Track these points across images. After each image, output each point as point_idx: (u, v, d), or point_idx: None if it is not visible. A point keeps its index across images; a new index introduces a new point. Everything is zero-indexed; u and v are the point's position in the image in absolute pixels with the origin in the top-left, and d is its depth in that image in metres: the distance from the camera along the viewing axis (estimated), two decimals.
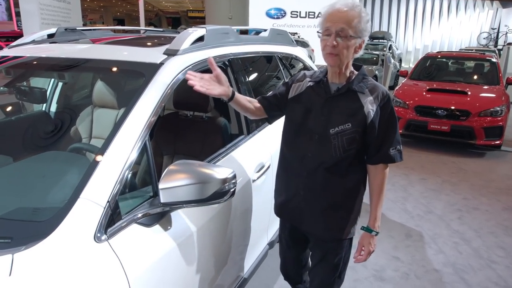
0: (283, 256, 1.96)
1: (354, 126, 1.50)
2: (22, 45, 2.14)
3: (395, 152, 1.55)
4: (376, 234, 1.65)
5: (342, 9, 1.43)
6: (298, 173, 1.61)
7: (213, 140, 2.06)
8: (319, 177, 1.56)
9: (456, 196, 4.19)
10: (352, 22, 1.42)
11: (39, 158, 1.65)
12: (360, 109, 1.50)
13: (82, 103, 2.53)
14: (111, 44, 2.17)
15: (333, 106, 1.53)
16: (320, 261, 1.72)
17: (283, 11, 14.06)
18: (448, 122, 5.55)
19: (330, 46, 1.44)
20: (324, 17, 1.47)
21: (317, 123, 1.55)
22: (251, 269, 2.07)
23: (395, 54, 14.32)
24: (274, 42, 2.77)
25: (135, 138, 1.30)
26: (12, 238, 1.05)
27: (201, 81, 1.44)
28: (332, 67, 1.51)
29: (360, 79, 1.54)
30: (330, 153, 1.53)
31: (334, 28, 1.43)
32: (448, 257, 2.99)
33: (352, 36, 1.43)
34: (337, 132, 1.51)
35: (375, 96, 1.52)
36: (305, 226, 1.68)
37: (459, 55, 7.82)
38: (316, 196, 1.60)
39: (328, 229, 1.64)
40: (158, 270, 1.24)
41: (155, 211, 1.28)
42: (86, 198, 1.13)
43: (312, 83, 1.61)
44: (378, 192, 1.62)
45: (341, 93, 1.53)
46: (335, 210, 1.61)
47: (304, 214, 1.65)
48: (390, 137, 1.54)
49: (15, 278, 0.95)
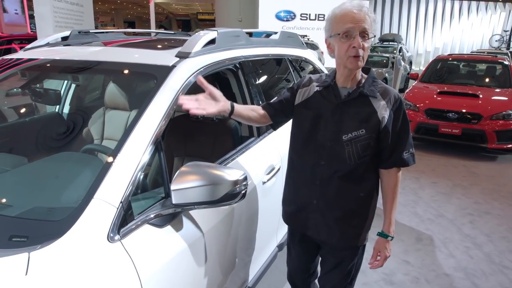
0: (292, 265, 1.91)
1: (368, 132, 1.46)
2: (37, 48, 2.18)
3: (408, 156, 1.52)
4: (391, 239, 1.62)
5: (355, 10, 1.39)
6: (310, 182, 1.56)
7: (224, 142, 2.07)
8: (334, 186, 1.52)
9: (468, 200, 4.14)
10: (368, 22, 1.39)
11: (53, 158, 1.68)
12: (373, 114, 1.46)
13: (94, 104, 2.57)
14: (123, 46, 2.20)
15: (344, 111, 1.48)
16: (333, 268, 1.68)
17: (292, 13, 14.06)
18: (459, 125, 5.49)
19: (357, 48, 1.38)
20: (338, 19, 1.41)
21: (328, 129, 1.50)
22: (260, 271, 2.07)
23: (405, 57, 14.23)
24: (285, 45, 2.78)
25: (148, 140, 1.32)
26: (28, 237, 1.08)
27: (196, 103, 1.36)
28: (351, 70, 1.46)
29: (371, 82, 1.50)
30: (344, 161, 1.49)
31: (357, 29, 1.37)
32: (459, 262, 2.96)
33: (370, 37, 1.41)
34: (351, 138, 1.47)
35: (387, 100, 1.48)
36: (320, 236, 1.62)
37: (470, 57, 7.74)
38: (331, 205, 1.56)
39: (344, 238, 1.59)
40: (169, 271, 1.26)
41: (167, 212, 1.29)
42: (99, 198, 1.15)
43: (320, 88, 1.56)
44: (392, 196, 1.59)
45: (352, 98, 1.48)
46: (350, 218, 1.57)
47: (318, 223, 1.60)
48: (403, 141, 1.51)
49: (31, 277, 0.97)
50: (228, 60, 1.93)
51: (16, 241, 1.07)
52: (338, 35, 1.41)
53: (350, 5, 1.41)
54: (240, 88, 2.08)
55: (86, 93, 2.75)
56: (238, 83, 2.08)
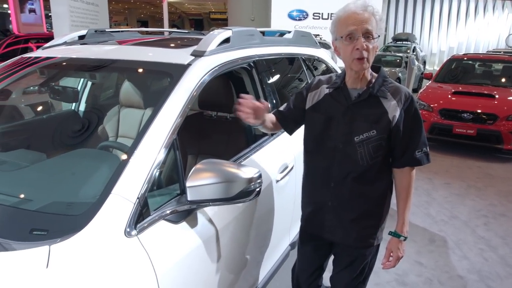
0: (301, 267, 1.87)
1: (379, 133, 1.46)
2: (55, 47, 2.22)
3: (421, 155, 1.51)
4: (404, 239, 1.60)
5: (359, 11, 1.39)
6: (324, 184, 1.57)
7: (237, 140, 2.08)
8: (348, 187, 1.52)
9: (482, 201, 4.09)
10: (372, 22, 1.39)
11: (71, 155, 1.71)
12: (384, 114, 1.46)
13: (109, 102, 2.61)
14: (139, 45, 2.23)
15: (355, 113, 1.48)
16: (346, 267, 1.68)
17: (305, 12, 14.01)
18: (474, 126, 5.42)
19: (361, 50, 1.38)
20: (342, 22, 1.41)
21: (339, 131, 1.50)
22: (273, 269, 2.08)
23: (419, 56, 14.06)
24: (298, 44, 2.78)
25: (163, 137, 1.34)
26: (48, 231, 1.10)
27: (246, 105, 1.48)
28: (357, 72, 1.46)
29: (381, 82, 1.49)
30: (357, 162, 1.49)
31: (360, 31, 1.37)
32: (473, 264, 2.93)
33: (375, 37, 1.40)
34: (362, 140, 1.47)
35: (398, 99, 1.46)
36: (336, 237, 1.63)
37: (486, 57, 7.62)
38: (345, 206, 1.56)
39: (359, 238, 1.60)
40: (184, 266, 1.27)
41: (183, 208, 1.31)
42: (117, 194, 1.17)
43: (330, 90, 1.56)
44: (405, 196, 1.58)
45: (362, 99, 1.48)
46: (365, 218, 1.57)
47: (334, 225, 1.60)
48: (415, 140, 1.50)
49: (52, 269, 0.99)
50: (242, 59, 1.94)
51: (37, 235, 1.10)
52: (342, 38, 1.42)
53: (354, 6, 1.40)
54: (254, 87, 2.09)
55: (102, 91, 2.79)
56: (252, 81, 2.09)
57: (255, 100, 1.51)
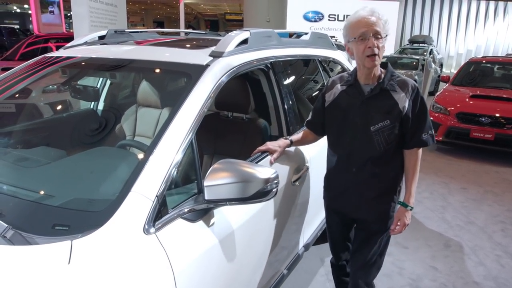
0: (333, 240, 2.09)
1: (392, 121, 1.67)
2: (76, 46, 2.27)
3: (427, 137, 1.72)
4: (411, 209, 1.79)
5: (367, 16, 1.60)
6: (346, 169, 1.79)
7: (253, 141, 2.09)
8: (368, 170, 1.74)
9: (500, 207, 4.01)
10: (380, 25, 1.60)
11: (91, 152, 1.75)
12: (395, 105, 1.67)
13: (126, 102, 2.65)
14: (157, 45, 2.26)
15: (369, 106, 1.69)
16: (365, 241, 1.87)
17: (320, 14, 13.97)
18: (492, 130, 5.32)
19: (372, 47, 1.58)
20: (354, 25, 1.63)
21: (356, 123, 1.71)
22: (286, 270, 2.08)
23: (436, 59, 13.87)
24: (315, 46, 2.78)
25: (182, 137, 1.36)
26: (70, 226, 1.13)
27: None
28: (370, 69, 1.66)
29: (389, 77, 1.69)
30: (374, 148, 1.70)
31: (370, 32, 1.58)
32: (489, 270, 2.88)
33: (383, 37, 1.61)
34: (378, 129, 1.68)
35: (406, 91, 1.68)
36: (359, 214, 1.85)
37: (505, 60, 7.47)
38: (367, 187, 1.77)
39: (380, 214, 1.81)
40: (201, 265, 1.29)
41: (200, 207, 1.32)
42: (136, 191, 1.19)
43: (344, 87, 1.77)
44: (413, 172, 1.78)
45: (374, 93, 1.68)
46: (385, 195, 1.79)
47: (357, 204, 1.81)
48: (422, 124, 1.70)
49: (74, 264, 1.02)
50: (259, 60, 1.96)
51: (59, 230, 1.13)
52: (355, 39, 1.62)
53: (363, 12, 1.62)
54: (271, 88, 2.10)
55: (120, 91, 2.84)
56: (269, 83, 2.10)
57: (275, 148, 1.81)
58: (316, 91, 2.93)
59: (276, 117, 2.12)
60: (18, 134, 2.18)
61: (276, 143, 1.85)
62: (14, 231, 1.08)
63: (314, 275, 2.73)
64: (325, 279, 2.69)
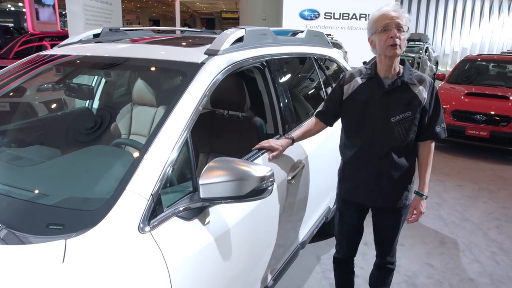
0: (344, 233, 2.12)
1: (413, 113, 1.76)
2: (70, 45, 2.25)
3: (440, 130, 1.82)
4: (425, 198, 1.91)
5: (391, 10, 1.69)
6: (367, 160, 1.84)
7: (249, 139, 2.09)
8: (389, 160, 1.81)
9: (494, 204, 4.04)
10: (403, 18, 1.69)
11: (86, 151, 1.74)
12: (414, 98, 1.76)
13: (122, 100, 2.64)
14: (152, 44, 2.25)
15: (390, 98, 1.77)
16: (388, 227, 1.99)
17: (316, 12, 13.96)
18: (487, 128, 5.35)
19: (394, 37, 1.66)
20: (378, 19, 1.71)
21: (377, 114, 1.78)
22: (282, 268, 2.08)
23: (432, 57, 13.91)
24: (311, 44, 2.78)
25: (177, 135, 1.35)
26: (64, 225, 1.13)
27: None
28: (391, 59, 1.73)
29: (408, 72, 1.79)
30: (395, 138, 1.78)
31: (393, 24, 1.67)
32: (484, 267, 2.90)
33: (405, 30, 1.69)
34: (399, 120, 1.76)
35: (424, 85, 1.77)
36: (377, 203, 1.92)
37: (500, 58, 7.50)
38: (389, 176, 1.83)
39: (397, 200, 1.89)
40: (196, 263, 1.29)
41: (195, 206, 1.32)
42: (131, 190, 1.19)
43: (364, 80, 1.83)
44: (427, 162, 1.88)
45: (395, 86, 1.77)
46: (405, 183, 1.88)
47: (377, 193, 1.88)
48: (436, 117, 1.80)
49: (68, 263, 1.01)
50: (255, 58, 1.95)
51: (53, 229, 1.12)
52: (378, 30, 1.70)
53: (387, 8, 1.71)
54: (266, 86, 2.10)
55: (115, 89, 2.83)
56: (265, 80, 2.10)
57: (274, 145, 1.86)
58: (312, 89, 2.93)
59: (271, 115, 2.11)
60: (13, 133, 2.16)
61: (279, 142, 1.88)
62: (8, 230, 1.08)
63: (310, 272, 2.73)
64: (322, 276, 2.69)
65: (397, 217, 1.95)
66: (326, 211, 2.72)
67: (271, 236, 1.88)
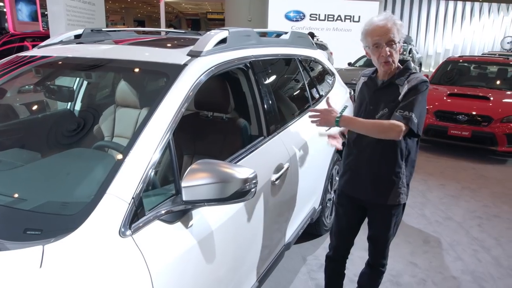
0: (339, 229, 2.16)
1: (389, 109, 1.79)
2: (51, 46, 2.21)
3: (399, 115, 1.72)
4: (337, 121, 1.83)
5: (381, 23, 1.71)
6: (360, 153, 1.93)
7: (233, 141, 2.08)
8: (367, 153, 1.89)
9: (476, 203, 4.11)
10: (394, 31, 1.71)
11: (66, 154, 1.71)
12: (397, 96, 1.81)
13: (105, 102, 2.60)
14: (135, 45, 2.22)
15: (378, 96, 1.85)
16: (381, 224, 2.01)
17: (302, 13, 14.04)
18: (469, 128, 5.45)
19: (385, 56, 1.73)
20: (368, 34, 1.75)
21: (368, 110, 1.88)
22: (267, 269, 2.08)
23: (415, 58, 14.13)
24: (295, 45, 2.79)
25: (159, 137, 1.34)
26: (42, 230, 1.10)
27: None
28: (385, 70, 1.81)
29: (403, 73, 1.82)
30: None
31: (383, 41, 1.71)
32: (466, 265, 2.94)
33: (397, 43, 1.73)
34: (380, 116, 1.82)
35: (410, 83, 1.79)
36: (370, 196, 1.95)
37: (481, 59, 7.66)
38: (376, 167, 1.89)
39: (390, 197, 1.91)
40: (179, 266, 1.27)
41: (178, 209, 1.31)
42: (112, 194, 1.17)
43: (365, 79, 1.96)
44: (372, 122, 1.79)
45: (385, 85, 1.84)
46: (392, 178, 1.88)
47: (368, 186, 1.93)
48: (406, 104, 1.74)
49: (45, 269, 0.99)
50: (238, 60, 1.95)
51: (31, 234, 1.10)
52: (370, 47, 1.77)
53: (377, 20, 1.74)
54: (250, 87, 2.09)
55: (98, 91, 2.78)
56: (249, 82, 2.09)
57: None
58: (297, 90, 2.94)
59: (256, 116, 2.11)
60: None
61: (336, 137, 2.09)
62: None
63: (296, 273, 2.74)
64: (307, 277, 2.70)
65: (387, 214, 1.97)
66: (312, 212, 2.73)
67: (255, 238, 1.88)
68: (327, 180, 2.97)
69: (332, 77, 3.37)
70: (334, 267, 2.25)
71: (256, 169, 1.82)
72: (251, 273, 1.92)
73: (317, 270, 2.76)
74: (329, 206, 3.19)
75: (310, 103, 2.77)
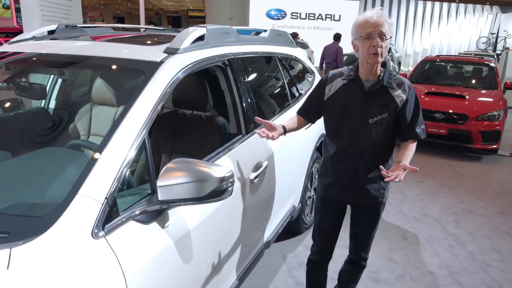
0: (322, 231, 2.13)
1: (389, 115, 1.81)
2: (23, 41, 2.14)
3: (420, 131, 1.87)
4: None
5: (374, 17, 1.72)
6: (345, 157, 1.89)
7: (212, 139, 2.06)
8: (366, 158, 1.86)
9: (452, 199, 4.21)
10: (386, 26, 1.72)
11: (38, 154, 1.65)
12: (391, 100, 1.81)
13: (81, 100, 2.53)
14: (111, 41, 2.17)
15: (369, 100, 1.81)
16: (365, 223, 2.05)
17: (283, 12, 14.08)
18: (446, 126, 5.57)
19: (376, 47, 1.70)
20: (361, 25, 1.74)
21: (356, 115, 1.82)
22: (246, 268, 2.07)
23: (394, 57, 14.37)
24: (274, 43, 2.78)
25: (134, 136, 1.31)
26: (10, 233, 1.06)
27: (263, 133, 1.81)
28: (372, 65, 1.77)
29: (388, 75, 1.82)
30: (373, 139, 1.83)
31: (376, 32, 1.70)
32: (443, 260, 3.01)
33: (387, 38, 1.73)
34: (376, 121, 1.81)
35: (402, 88, 1.82)
36: (354, 200, 1.97)
37: (458, 59, 7.84)
38: (365, 173, 1.89)
39: (374, 198, 1.94)
40: (154, 267, 1.25)
41: (153, 209, 1.28)
42: (84, 194, 1.14)
43: (345, 81, 1.87)
44: (407, 153, 1.86)
45: (375, 89, 1.81)
46: (379, 181, 1.91)
47: (353, 190, 1.93)
48: (416, 119, 1.85)
49: (13, 272, 0.95)
50: (217, 57, 1.93)
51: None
52: (361, 37, 1.73)
53: (371, 13, 1.75)
54: (229, 85, 2.08)
55: (73, 88, 2.71)
56: (227, 80, 2.08)
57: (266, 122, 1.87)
58: (277, 88, 2.94)
59: (234, 114, 2.10)
60: None
61: (276, 131, 1.86)
62: None
63: (276, 271, 2.74)
64: (287, 275, 2.70)
65: (373, 212, 2.01)
66: (291, 210, 2.74)
67: (234, 237, 1.86)
68: (307, 178, 2.98)
69: (312, 75, 3.38)
70: (317, 272, 2.23)
71: (234, 167, 1.83)
72: (231, 272, 1.90)
73: (297, 268, 2.77)
74: (309, 204, 3.21)
75: (290, 101, 2.77)
